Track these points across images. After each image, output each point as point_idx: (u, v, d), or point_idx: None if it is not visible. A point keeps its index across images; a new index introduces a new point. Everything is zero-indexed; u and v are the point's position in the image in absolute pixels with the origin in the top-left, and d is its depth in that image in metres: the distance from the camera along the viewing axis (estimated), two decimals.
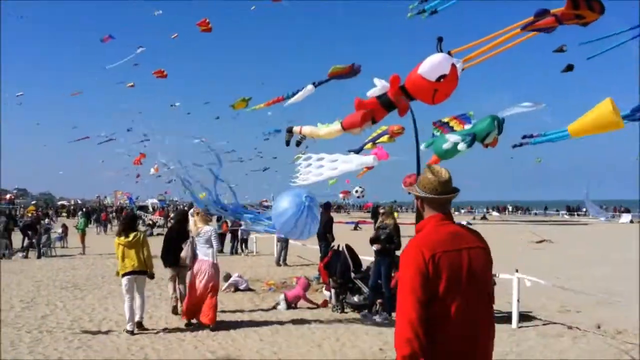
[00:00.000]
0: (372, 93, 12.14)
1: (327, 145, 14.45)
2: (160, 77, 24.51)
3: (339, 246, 11.56)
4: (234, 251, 23.99)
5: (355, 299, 10.72)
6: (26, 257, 22.77)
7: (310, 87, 14.69)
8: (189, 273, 9.98)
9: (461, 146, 17.46)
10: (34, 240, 23.28)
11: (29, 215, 37.44)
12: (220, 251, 24.08)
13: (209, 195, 9.13)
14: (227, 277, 13.32)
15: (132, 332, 8.92)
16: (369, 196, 73.59)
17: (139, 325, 9.18)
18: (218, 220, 25.68)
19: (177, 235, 10.46)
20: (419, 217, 3.43)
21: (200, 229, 9.66)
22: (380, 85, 12.05)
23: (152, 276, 9.43)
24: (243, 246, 24.59)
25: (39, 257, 22.50)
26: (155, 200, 79.92)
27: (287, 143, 13.27)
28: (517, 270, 9.89)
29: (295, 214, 8.29)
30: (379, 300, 10.55)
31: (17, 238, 26.63)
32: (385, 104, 12.14)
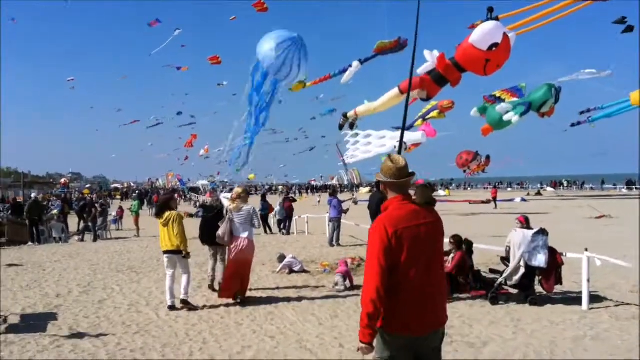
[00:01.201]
0: (423, 70, 11.77)
1: (377, 122, 14.30)
2: (215, 63, 24.65)
3: None
4: (288, 231, 23.95)
5: None
6: (82, 240, 23.16)
7: (356, 63, 14.43)
8: (226, 250, 10.11)
9: (514, 117, 16.69)
10: (89, 224, 23.65)
11: (84, 196, 38.25)
12: (274, 231, 24.26)
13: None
14: (282, 258, 13.14)
15: (171, 307, 9.27)
16: (420, 174, 72.94)
17: (185, 302, 9.36)
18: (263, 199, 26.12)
19: (214, 216, 10.59)
20: (384, 199, 4.02)
21: (240, 207, 9.76)
22: (430, 60, 11.66)
23: (185, 256, 9.40)
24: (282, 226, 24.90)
25: (94, 240, 22.87)
26: (205, 182, 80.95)
27: (341, 127, 13.08)
28: (586, 249, 9.37)
29: (281, 39, 8.09)
30: None
31: (72, 222, 27.21)
32: (437, 78, 11.74)
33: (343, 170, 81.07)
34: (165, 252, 9.46)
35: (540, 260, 9.31)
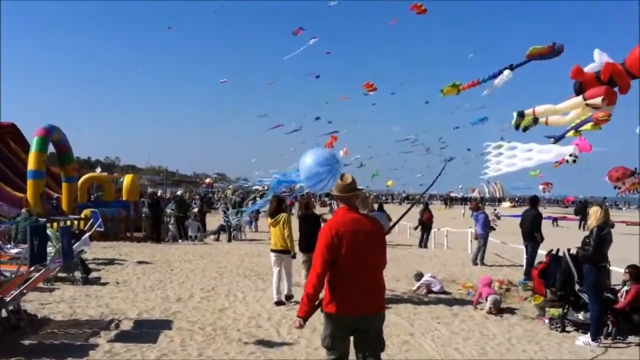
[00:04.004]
0: (590, 69, 10.44)
1: (524, 134, 13.00)
2: (370, 90, 24.23)
3: (558, 250, 9.54)
4: (422, 244, 22.54)
5: (581, 316, 8.61)
6: (217, 239, 23.23)
7: (507, 72, 13.06)
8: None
9: None
10: (224, 224, 23.71)
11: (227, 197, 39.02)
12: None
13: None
14: (419, 276, 11.82)
15: (278, 303, 9.78)
16: (568, 190, 68.61)
17: (289, 297, 10.02)
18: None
19: (308, 221, 10.94)
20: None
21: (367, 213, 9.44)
22: (598, 61, 10.33)
23: (294, 256, 10.17)
24: None
25: (229, 240, 22.89)
26: None
27: (517, 127, 12.26)
28: None
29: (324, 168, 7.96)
30: (610, 319, 8.39)
31: (212, 220, 27.45)
32: (605, 80, 10.35)
33: (485, 183, 77.86)
34: (274, 251, 10.16)
35: None
